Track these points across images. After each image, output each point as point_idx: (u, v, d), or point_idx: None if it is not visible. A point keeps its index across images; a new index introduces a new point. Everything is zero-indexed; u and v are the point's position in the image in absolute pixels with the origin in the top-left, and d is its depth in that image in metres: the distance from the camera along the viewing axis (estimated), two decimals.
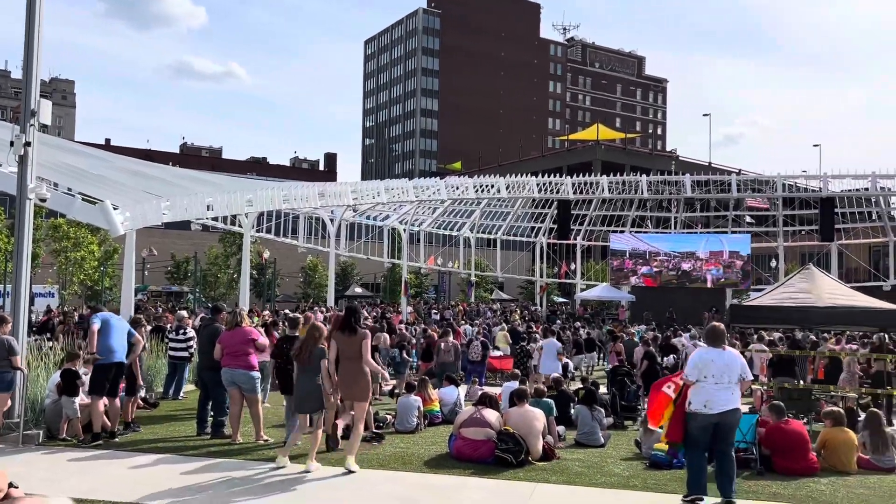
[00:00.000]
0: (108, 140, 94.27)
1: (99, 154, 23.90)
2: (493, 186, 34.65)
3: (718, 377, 7.22)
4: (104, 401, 9.55)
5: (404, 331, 19.35)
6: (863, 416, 11.18)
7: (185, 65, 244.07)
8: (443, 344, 16.20)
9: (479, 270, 48.95)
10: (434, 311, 36.75)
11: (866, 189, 35.49)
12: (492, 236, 46.68)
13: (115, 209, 13.56)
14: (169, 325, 15.84)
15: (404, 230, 40.36)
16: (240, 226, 29.39)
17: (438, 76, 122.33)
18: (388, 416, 11.46)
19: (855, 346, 17.80)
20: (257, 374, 9.84)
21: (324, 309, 29.24)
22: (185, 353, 13.91)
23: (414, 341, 18.91)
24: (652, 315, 35.16)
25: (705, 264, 39.37)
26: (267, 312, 24.81)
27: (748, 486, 8.13)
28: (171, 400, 13.62)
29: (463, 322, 26.12)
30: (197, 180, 24.15)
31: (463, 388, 14.27)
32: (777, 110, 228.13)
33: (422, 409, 11.39)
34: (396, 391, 14.91)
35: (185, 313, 15.80)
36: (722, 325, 7.81)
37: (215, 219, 28.16)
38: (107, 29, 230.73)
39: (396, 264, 43.59)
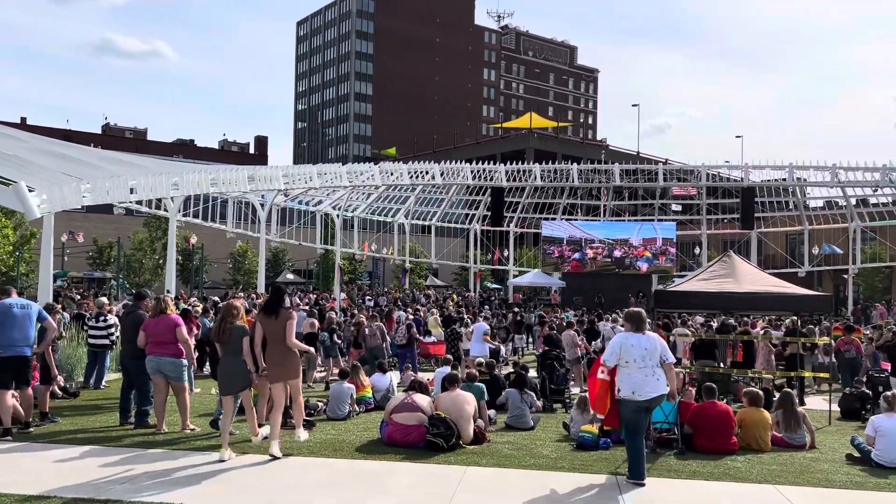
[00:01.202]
0: (23, 119, 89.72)
1: (13, 133, 22.68)
2: (427, 173, 34.62)
3: (641, 361, 7.38)
4: (12, 392, 9.09)
5: (334, 315, 19.20)
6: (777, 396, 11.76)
7: (107, 42, 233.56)
8: (367, 329, 16.18)
9: (414, 257, 48.97)
10: (368, 297, 36.62)
11: (784, 179, 37.10)
12: (426, 223, 46.73)
13: (30, 191, 12.95)
14: (88, 313, 15.27)
15: (338, 216, 39.96)
16: (165, 210, 28.51)
17: (373, 60, 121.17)
18: (320, 404, 11.39)
19: (761, 331, 18.62)
20: (184, 362, 9.60)
21: (253, 295, 28.75)
22: (106, 341, 13.45)
23: (343, 325, 18.77)
24: (582, 300, 35.98)
25: (638, 251, 40.50)
26: (194, 299, 24.21)
27: (669, 465, 8.43)
28: (93, 389, 13.16)
29: (397, 308, 26.07)
30: (120, 162, 23.26)
31: (396, 375, 14.29)
32: (703, 102, 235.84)
33: (354, 395, 11.35)
34: (329, 379, 14.82)
35: (104, 300, 15.27)
36: (641, 310, 8.02)
37: (139, 202, 27.18)
38: (22, 1, 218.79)
39: (329, 250, 43.17)
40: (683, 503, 6.99)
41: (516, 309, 29.87)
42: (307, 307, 22.36)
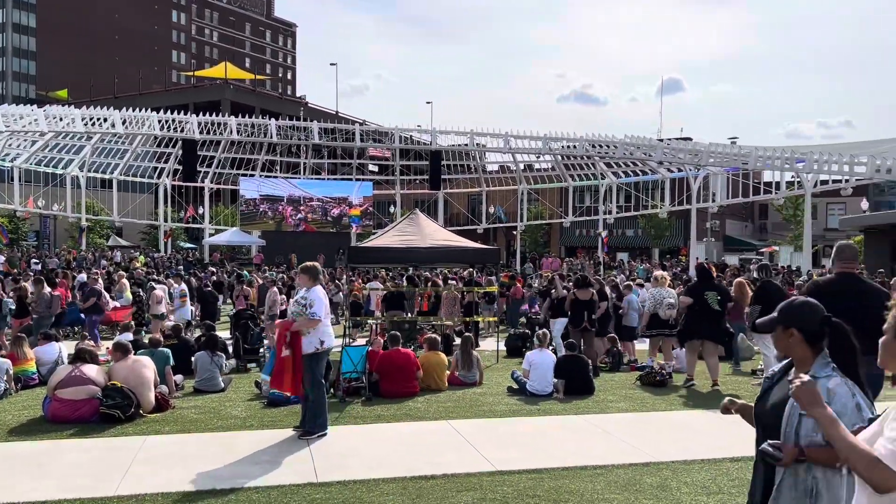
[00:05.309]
0: None
1: None
2: (106, 120, 31.10)
3: (328, 312, 7.72)
4: None
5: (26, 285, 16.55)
6: (458, 340, 12.98)
7: None
8: (48, 295, 14.28)
9: (93, 214, 44.04)
10: (35, 260, 32.16)
11: (466, 145, 40.47)
12: (107, 176, 42.14)
13: None
14: None
15: None
16: None
17: None
18: None
19: (453, 281, 20.40)
20: None
21: None
22: None
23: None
24: (284, 258, 35.92)
25: (353, 209, 41.60)
26: None
27: (357, 412, 8.83)
28: None
29: (75, 273, 23.26)
30: None
31: (67, 344, 12.79)
32: (398, 66, 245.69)
33: (11, 371, 9.94)
34: None
35: None
36: (317, 263, 8.37)
37: None
38: None
39: None
40: (368, 446, 7.36)
41: (212, 269, 28.64)
42: None
